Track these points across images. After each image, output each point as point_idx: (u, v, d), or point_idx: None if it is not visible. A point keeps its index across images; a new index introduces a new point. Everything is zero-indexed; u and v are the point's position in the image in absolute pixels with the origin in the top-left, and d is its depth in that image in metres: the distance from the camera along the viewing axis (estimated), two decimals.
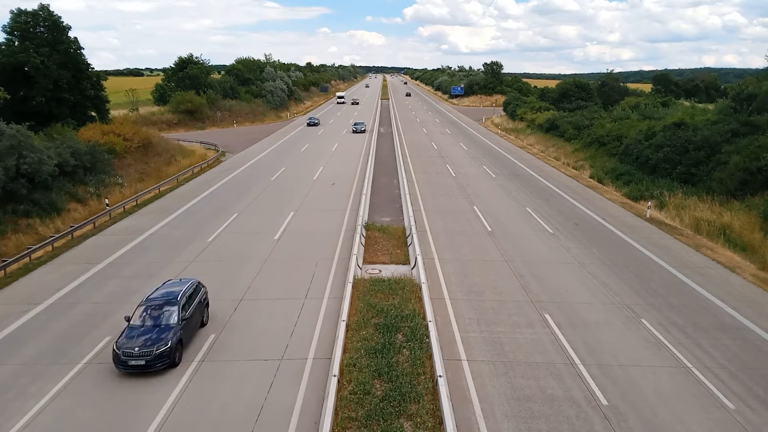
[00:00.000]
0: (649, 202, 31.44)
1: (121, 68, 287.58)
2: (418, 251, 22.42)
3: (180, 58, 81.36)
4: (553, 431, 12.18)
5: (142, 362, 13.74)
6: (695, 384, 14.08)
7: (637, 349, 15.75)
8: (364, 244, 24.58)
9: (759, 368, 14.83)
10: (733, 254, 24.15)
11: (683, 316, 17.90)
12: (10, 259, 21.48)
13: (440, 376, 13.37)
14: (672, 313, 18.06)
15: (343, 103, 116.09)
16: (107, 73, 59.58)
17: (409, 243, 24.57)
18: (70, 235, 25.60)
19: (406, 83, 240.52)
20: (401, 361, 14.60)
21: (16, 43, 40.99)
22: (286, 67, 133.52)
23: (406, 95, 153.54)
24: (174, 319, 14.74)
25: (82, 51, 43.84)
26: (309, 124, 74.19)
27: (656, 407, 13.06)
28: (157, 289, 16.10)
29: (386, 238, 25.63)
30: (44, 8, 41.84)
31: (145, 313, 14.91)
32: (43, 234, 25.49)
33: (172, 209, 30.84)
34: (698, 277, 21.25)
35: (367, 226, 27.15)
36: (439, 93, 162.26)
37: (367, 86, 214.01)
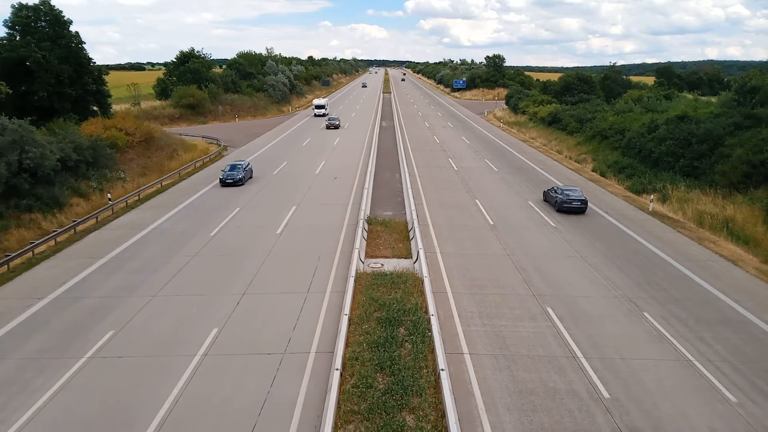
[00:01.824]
0: (652, 196, 31.36)
1: (123, 62, 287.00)
2: (420, 245, 22.42)
3: (181, 53, 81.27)
4: (555, 424, 12.21)
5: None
6: (697, 377, 14.09)
7: (639, 342, 15.76)
8: (366, 238, 24.58)
9: (761, 361, 14.82)
10: (735, 247, 24.10)
11: (686, 309, 17.89)
12: (14, 254, 21.56)
13: (442, 370, 13.40)
14: (674, 307, 18.05)
15: (323, 115, 75.51)
16: (109, 68, 59.54)
17: (411, 237, 24.57)
18: (72, 230, 25.66)
19: (405, 74, 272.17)
20: (403, 355, 14.64)
21: (18, 37, 41.03)
22: (288, 61, 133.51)
23: (401, 80, 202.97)
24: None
25: (83, 45, 43.89)
26: (224, 182, 34.75)
27: (658, 400, 13.08)
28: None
29: (388, 232, 25.62)
30: (45, 3, 41.83)
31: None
32: (46, 229, 25.57)
33: (175, 204, 30.88)
34: (701, 271, 21.22)
35: (369, 220, 27.14)
36: (441, 86, 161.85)
37: (364, 86, 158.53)
